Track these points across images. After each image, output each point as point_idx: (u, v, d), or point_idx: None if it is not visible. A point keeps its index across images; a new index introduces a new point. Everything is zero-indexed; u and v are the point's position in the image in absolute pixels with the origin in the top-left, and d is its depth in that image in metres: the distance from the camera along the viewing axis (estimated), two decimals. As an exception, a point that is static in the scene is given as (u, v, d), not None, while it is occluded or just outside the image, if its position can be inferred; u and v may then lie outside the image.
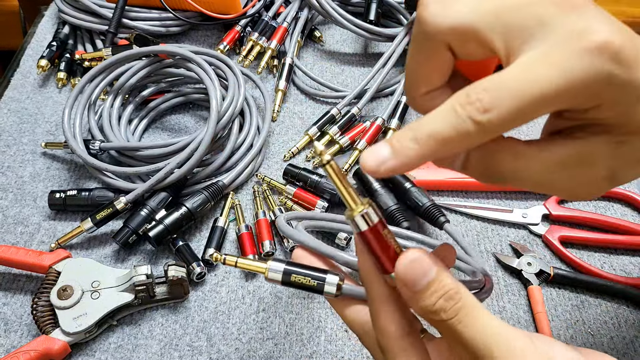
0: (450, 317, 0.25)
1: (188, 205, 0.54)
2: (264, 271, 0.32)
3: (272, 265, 0.32)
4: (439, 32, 0.26)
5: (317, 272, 0.32)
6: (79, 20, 0.73)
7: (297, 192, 0.58)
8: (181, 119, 0.68)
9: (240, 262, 0.33)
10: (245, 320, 0.50)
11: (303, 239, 0.34)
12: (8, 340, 0.48)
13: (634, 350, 0.48)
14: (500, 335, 0.25)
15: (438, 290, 0.26)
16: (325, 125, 0.65)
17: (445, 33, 0.26)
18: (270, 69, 0.74)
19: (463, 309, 0.25)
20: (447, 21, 0.26)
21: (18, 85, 0.71)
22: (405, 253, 0.26)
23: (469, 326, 0.25)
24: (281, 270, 0.32)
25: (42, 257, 0.50)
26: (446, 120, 0.23)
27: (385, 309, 0.28)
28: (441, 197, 0.60)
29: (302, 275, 0.32)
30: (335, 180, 0.26)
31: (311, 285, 0.32)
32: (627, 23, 0.25)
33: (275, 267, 0.32)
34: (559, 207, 0.58)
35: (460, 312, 0.25)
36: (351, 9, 0.78)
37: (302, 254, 0.33)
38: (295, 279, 0.32)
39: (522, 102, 0.23)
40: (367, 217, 0.26)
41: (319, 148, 0.25)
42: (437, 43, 0.27)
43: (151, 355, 0.48)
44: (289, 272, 0.32)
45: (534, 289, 0.51)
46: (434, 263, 0.26)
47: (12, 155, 0.63)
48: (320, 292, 0.32)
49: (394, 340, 0.28)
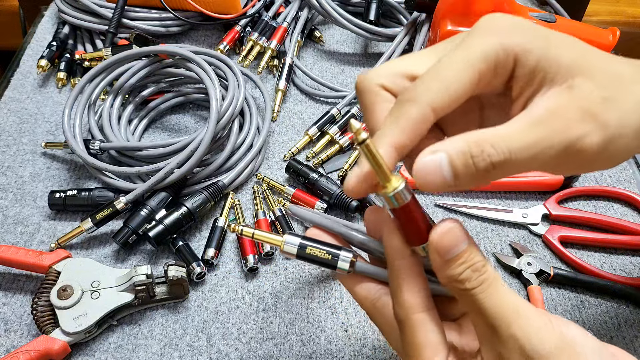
0: (474, 287, 0.27)
1: (188, 205, 0.54)
2: (280, 244, 0.33)
3: (288, 239, 0.33)
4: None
5: (332, 248, 0.33)
6: (79, 20, 0.73)
7: (296, 192, 0.58)
8: (181, 119, 0.68)
9: (257, 234, 0.34)
10: (245, 320, 0.50)
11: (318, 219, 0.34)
12: (8, 340, 0.48)
13: (634, 350, 0.48)
14: (519, 311, 0.27)
15: (467, 261, 0.27)
16: (325, 125, 0.65)
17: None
18: (270, 69, 0.74)
19: (487, 280, 0.27)
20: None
21: (18, 85, 0.71)
22: (441, 223, 0.28)
23: (489, 297, 0.27)
24: (297, 244, 0.33)
25: (42, 257, 0.50)
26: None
27: (410, 281, 0.29)
28: (441, 197, 0.60)
29: (317, 249, 0.33)
30: (371, 159, 0.26)
31: (325, 258, 0.33)
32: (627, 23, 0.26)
33: (291, 240, 0.33)
34: (559, 207, 0.58)
35: (484, 284, 0.27)
36: (351, 9, 0.78)
37: (317, 233, 0.34)
38: (310, 251, 0.33)
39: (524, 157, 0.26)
40: (405, 192, 0.28)
41: (356, 126, 0.25)
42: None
43: (151, 355, 0.48)
44: (304, 246, 0.33)
45: (533, 289, 0.51)
46: (466, 236, 0.28)
47: (12, 155, 0.63)
48: (334, 266, 0.33)
49: (415, 313, 0.29)
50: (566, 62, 0.27)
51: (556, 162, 0.27)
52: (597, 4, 1.25)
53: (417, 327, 0.29)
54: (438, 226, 0.28)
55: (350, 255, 0.32)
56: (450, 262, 0.28)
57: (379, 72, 0.31)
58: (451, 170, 0.25)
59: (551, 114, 0.26)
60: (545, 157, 0.26)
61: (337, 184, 0.58)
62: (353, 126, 0.25)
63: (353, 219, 0.58)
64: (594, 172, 0.28)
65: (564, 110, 0.26)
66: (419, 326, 0.29)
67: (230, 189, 0.59)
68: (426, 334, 0.29)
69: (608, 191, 0.60)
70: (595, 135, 0.26)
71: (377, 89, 0.30)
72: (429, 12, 0.71)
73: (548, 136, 0.26)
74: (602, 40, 0.66)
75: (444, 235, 0.28)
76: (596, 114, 0.26)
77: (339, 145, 0.63)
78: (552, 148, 0.26)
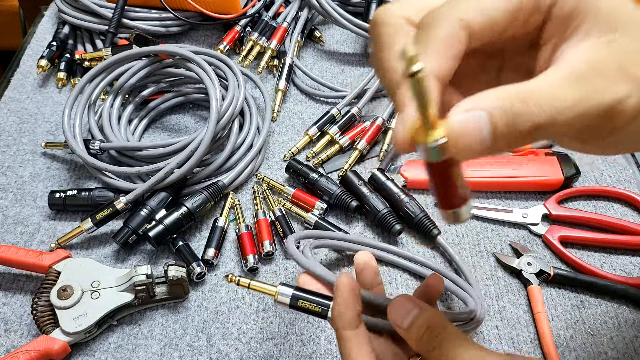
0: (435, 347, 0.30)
1: (188, 205, 0.54)
2: (274, 294, 0.36)
3: (281, 290, 0.36)
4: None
5: (322, 299, 0.36)
6: (79, 20, 0.73)
7: (296, 192, 0.58)
8: (181, 119, 0.68)
9: (252, 284, 0.37)
10: (245, 320, 0.50)
11: (310, 266, 0.38)
12: (8, 340, 0.48)
13: (634, 350, 0.48)
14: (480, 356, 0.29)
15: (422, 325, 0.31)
16: (325, 125, 0.65)
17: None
18: (270, 69, 0.74)
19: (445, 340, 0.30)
20: None
21: (18, 85, 0.71)
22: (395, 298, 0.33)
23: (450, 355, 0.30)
24: (289, 295, 0.36)
25: (42, 257, 0.50)
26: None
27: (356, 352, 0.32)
28: (441, 197, 0.60)
29: (308, 302, 0.36)
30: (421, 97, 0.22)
31: (316, 310, 0.35)
32: None
33: (284, 291, 0.36)
34: (559, 207, 0.58)
35: (443, 343, 0.30)
36: (351, 9, 0.78)
37: (308, 280, 0.38)
38: (302, 304, 0.36)
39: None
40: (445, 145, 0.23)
41: (411, 52, 0.21)
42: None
43: (151, 355, 0.48)
44: (296, 297, 0.36)
45: (533, 289, 0.51)
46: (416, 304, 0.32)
47: (12, 155, 0.63)
48: (325, 317, 0.35)
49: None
50: (606, 11, 0.24)
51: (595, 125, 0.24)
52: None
53: None
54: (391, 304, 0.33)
55: None
56: (408, 330, 0.32)
57: (404, 4, 0.27)
58: (491, 130, 0.22)
59: (592, 69, 0.23)
60: (587, 119, 0.23)
61: (337, 184, 0.58)
62: (408, 52, 0.20)
63: (353, 218, 0.58)
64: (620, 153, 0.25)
65: (604, 66, 0.23)
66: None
67: (230, 189, 0.59)
68: None
69: (608, 191, 0.60)
70: (634, 97, 0.23)
71: (401, 20, 0.27)
72: (429, 12, 0.71)
73: (591, 95, 0.23)
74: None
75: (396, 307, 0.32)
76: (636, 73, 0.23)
77: (339, 145, 0.63)
78: (596, 108, 0.23)
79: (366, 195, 0.56)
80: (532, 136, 0.23)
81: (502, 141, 0.23)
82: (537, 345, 0.49)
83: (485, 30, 0.25)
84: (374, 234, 0.57)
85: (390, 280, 0.53)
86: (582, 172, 0.61)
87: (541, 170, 0.59)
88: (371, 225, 0.57)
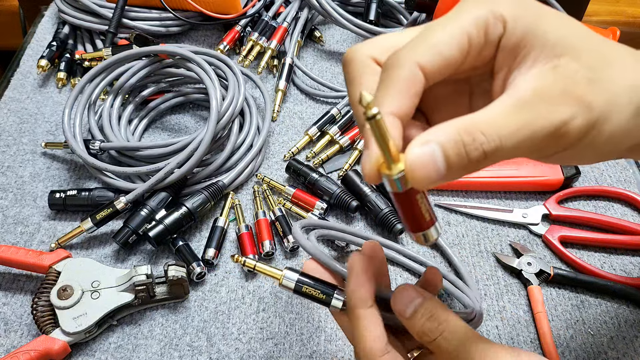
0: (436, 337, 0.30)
1: (188, 205, 0.54)
2: (279, 278, 0.36)
3: (287, 274, 0.36)
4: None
5: (326, 287, 0.36)
6: (79, 20, 0.73)
7: (296, 192, 0.58)
8: (181, 119, 0.68)
9: (259, 266, 0.37)
10: (245, 320, 0.50)
11: (316, 253, 0.37)
12: (8, 340, 0.48)
13: (634, 350, 0.48)
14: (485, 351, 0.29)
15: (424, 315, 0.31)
16: (325, 125, 0.65)
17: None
18: (270, 69, 0.74)
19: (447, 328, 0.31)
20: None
21: (18, 85, 0.71)
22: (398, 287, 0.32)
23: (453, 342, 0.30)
24: (294, 280, 0.36)
25: (42, 257, 0.50)
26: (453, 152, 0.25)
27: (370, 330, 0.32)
28: (441, 197, 0.60)
29: (312, 288, 0.35)
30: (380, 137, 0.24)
31: (320, 297, 0.35)
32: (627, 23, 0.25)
33: (290, 276, 0.36)
34: (559, 207, 0.58)
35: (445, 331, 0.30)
36: (351, 9, 0.78)
37: (314, 267, 0.37)
38: (306, 289, 0.35)
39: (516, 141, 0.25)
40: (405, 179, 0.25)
41: (367, 99, 0.23)
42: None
43: (151, 355, 0.48)
44: (301, 283, 0.36)
45: (534, 289, 0.51)
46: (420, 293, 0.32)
47: (12, 155, 0.63)
48: (327, 304, 0.35)
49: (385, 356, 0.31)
50: (553, 39, 0.26)
51: (543, 147, 0.26)
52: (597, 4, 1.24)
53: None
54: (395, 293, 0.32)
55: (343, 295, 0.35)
56: (410, 319, 0.31)
57: (370, 45, 0.30)
58: (444, 161, 0.24)
59: (536, 95, 0.25)
60: (533, 142, 0.25)
61: (337, 184, 0.58)
62: (364, 98, 0.23)
63: (353, 218, 0.58)
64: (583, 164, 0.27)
65: (548, 91, 0.25)
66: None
67: (230, 189, 0.59)
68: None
69: (608, 191, 0.60)
70: (580, 118, 0.25)
71: (367, 60, 0.29)
72: (429, 12, 0.71)
73: (535, 120, 0.25)
74: (602, 40, 0.66)
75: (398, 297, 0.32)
76: (581, 96, 0.25)
77: (339, 145, 0.63)
78: (540, 132, 0.25)
79: (368, 195, 0.56)
80: (484, 162, 0.25)
81: (456, 170, 0.24)
82: (537, 345, 0.49)
83: (440, 69, 0.26)
84: (375, 234, 0.57)
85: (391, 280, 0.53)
86: (582, 172, 0.61)
87: (541, 170, 0.59)
88: (372, 225, 0.57)
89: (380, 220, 0.55)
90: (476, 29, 0.26)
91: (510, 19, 0.26)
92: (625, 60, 0.27)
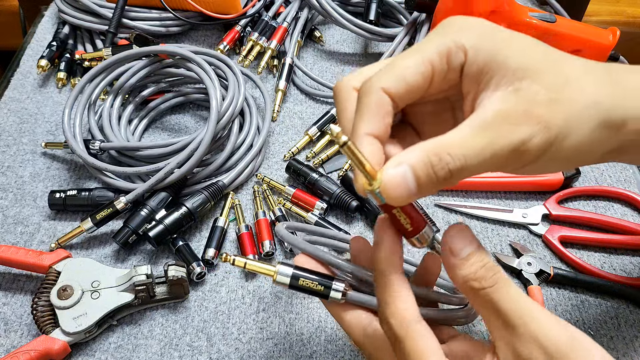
0: (490, 285, 0.29)
1: (188, 205, 0.54)
2: (273, 274, 0.33)
3: (280, 269, 0.33)
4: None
5: (324, 278, 0.33)
6: (79, 20, 0.73)
7: (296, 192, 0.58)
8: (181, 119, 0.68)
9: (249, 264, 0.34)
10: (245, 320, 0.50)
11: (306, 247, 0.35)
12: (8, 340, 0.48)
13: (634, 350, 0.48)
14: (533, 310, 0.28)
15: (480, 260, 0.29)
16: (325, 125, 0.65)
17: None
18: (270, 69, 0.74)
19: (500, 280, 0.29)
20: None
21: (18, 85, 0.71)
22: (452, 225, 0.30)
23: (505, 297, 0.28)
24: (289, 274, 0.33)
25: (42, 257, 0.50)
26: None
27: (403, 294, 0.30)
28: (441, 197, 0.60)
29: (309, 280, 0.33)
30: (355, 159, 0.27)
31: (317, 289, 0.33)
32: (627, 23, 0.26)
33: (283, 270, 0.33)
34: (559, 207, 0.58)
35: (499, 283, 0.29)
36: (351, 9, 0.78)
37: (304, 260, 0.35)
38: (302, 283, 0.33)
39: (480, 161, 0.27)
40: None
41: (335, 130, 0.25)
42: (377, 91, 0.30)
43: (151, 355, 0.48)
44: (297, 277, 0.33)
45: (533, 289, 0.51)
46: (475, 238, 0.30)
47: (12, 155, 0.63)
48: (326, 296, 0.33)
49: (415, 324, 0.30)
50: (514, 64, 0.28)
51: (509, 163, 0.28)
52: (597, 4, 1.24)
53: (419, 338, 0.30)
54: (449, 228, 0.30)
55: (342, 285, 0.33)
56: (464, 261, 0.29)
57: (353, 76, 0.33)
58: (415, 181, 0.27)
59: (497, 117, 0.27)
60: (496, 160, 0.27)
61: (337, 184, 0.58)
62: (333, 130, 0.26)
63: (353, 218, 0.58)
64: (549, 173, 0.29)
65: (509, 113, 0.27)
66: (420, 336, 0.30)
67: (230, 189, 0.59)
68: (428, 343, 0.29)
69: (608, 191, 0.60)
70: (539, 136, 0.27)
71: (349, 90, 0.32)
72: (429, 12, 0.71)
73: (496, 140, 0.27)
74: (602, 40, 0.66)
75: (456, 236, 0.30)
76: (540, 116, 0.27)
77: (339, 145, 0.63)
78: (501, 151, 0.27)
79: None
80: (451, 179, 0.27)
81: (426, 188, 0.27)
82: (537, 345, 0.49)
83: (407, 93, 0.29)
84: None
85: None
86: (582, 172, 0.61)
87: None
88: (372, 225, 0.57)
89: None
90: (439, 57, 0.29)
91: (471, 48, 0.29)
92: (586, 78, 0.29)
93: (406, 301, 0.30)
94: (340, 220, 0.58)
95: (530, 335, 0.27)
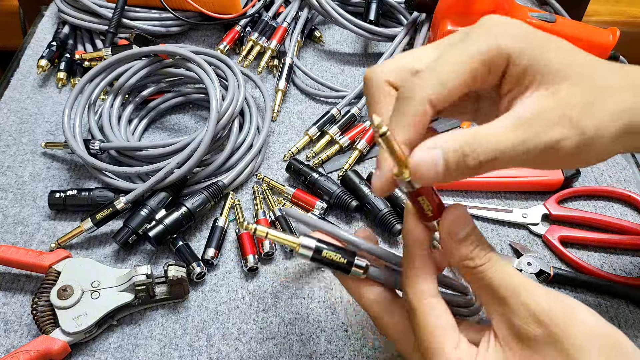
0: (484, 263, 0.30)
1: (188, 205, 0.54)
2: (296, 246, 0.33)
3: (304, 241, 0.33)
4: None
5: (345, 253, 0.33)
6: (79, 20, 0.73)
7: (296, 192, 0.58)
8: (181, 119, 0.68)
9: (271, 233, 0.33)
10: (245, 320, 0.50)
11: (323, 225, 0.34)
12: (8, 340, 0.48)
13: (634, 350, 0.48)
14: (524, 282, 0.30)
15: (475, 240, 0.31)
16: (325, 125, 0.65)
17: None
18: (270, 69, 0.74)
19: (493, 258, 0.31)
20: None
21: (18, 85, 0.71)
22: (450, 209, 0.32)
23: (497, 272, 0.30)
24: (313, 247, 0.33)
25: (42, 257, 0.50)
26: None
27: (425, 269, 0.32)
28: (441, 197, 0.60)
29: (332, 253, 0.33)
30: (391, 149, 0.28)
31: (340, 262, 0.33)
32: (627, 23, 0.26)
33: (307, 242, 0.33)
34: (559, 207, 0.58)
35: (491, 260, 0.30)
36: (351, 9, 0.78)
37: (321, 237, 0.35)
38: (326, 255, 0.33)
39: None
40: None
41: (376, 121, 0.27)
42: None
43: (151, 355, 0.48)
44: (319, 249, 0.33)
45: (534, 289, 0.51)
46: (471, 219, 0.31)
47: (12, 155, 0.63)
48: (348, 270, 0.33)
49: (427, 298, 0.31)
50: (555, 68, 0.29)
51: (537, 160, 0.29)
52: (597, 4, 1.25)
53: (429, 311, 0.31)
54: (448, 212, 0.31)
55: (365, 261, 0.33)
56: (460, 242, 0.31)
57: (385, 68, 0.33)
58: (444, 166, 0.28)
59: (535, 116, 0.29)
60: (527, 156, 0.29)
61: (337, 183, 0.58)
62: (374, 120, 0.27)
63: (353, 218, 0.58)
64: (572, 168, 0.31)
65: (546, 113, 0.29)
66: (430, 310, 0.31)
67: (230, 189, 0.59)
68: (437, 317, 0.31)
69: (608, 191, 0.60)
70: (572, 139, 0.29)
71: (382, 83, 0.33)
72: (429, 12, 0.71)
73: (531, 137, 0.28)
74: (602, 40, 0.66)
75: (454, 219, 0.31)
76: (575, 120, 0.29)
77: (339, 145, 0.63)
78: (535, 148, 0.28)
79: (367, 195, 0.56)
80: (479, 170, 0.28)
81: (453, 174, 0.28)
82: (537, 345, 0.49)
83: (447, 98, 0.30)
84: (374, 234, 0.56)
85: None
86: (582, 172, 0.61)
87: (541, 170, 0.59)
88: (371, 225, 0.57)
89: (379, 221, 0.55)
90: (481, 64, 0.30)
91: (514, 52, 0.29)
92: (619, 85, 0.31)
93: (425, 275, 0.32)
94: (340, 220, 0.58)
95: (522, 305, 0.29)
